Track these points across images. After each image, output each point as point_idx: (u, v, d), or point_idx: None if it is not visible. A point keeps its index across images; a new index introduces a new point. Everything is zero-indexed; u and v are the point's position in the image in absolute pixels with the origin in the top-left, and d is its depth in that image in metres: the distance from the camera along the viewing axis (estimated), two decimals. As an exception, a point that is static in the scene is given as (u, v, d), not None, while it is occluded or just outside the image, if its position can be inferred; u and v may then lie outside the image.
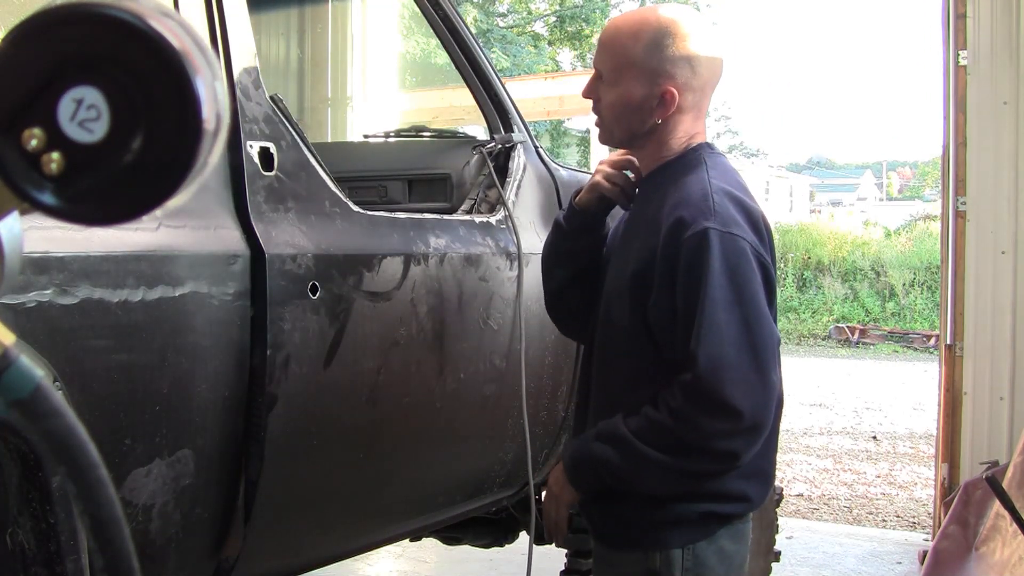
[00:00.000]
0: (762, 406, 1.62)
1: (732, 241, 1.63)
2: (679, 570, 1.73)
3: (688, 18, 1.79)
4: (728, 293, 1.61)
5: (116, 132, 0.56)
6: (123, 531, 0.61)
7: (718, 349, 1.60)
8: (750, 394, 1.60)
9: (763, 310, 1.64)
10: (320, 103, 5.42)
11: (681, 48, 1.74)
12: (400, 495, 2.27)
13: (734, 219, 1.65)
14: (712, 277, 1.60)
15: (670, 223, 1.67)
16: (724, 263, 1.61)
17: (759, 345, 1.62)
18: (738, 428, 1.61)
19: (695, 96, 1.77)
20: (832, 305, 17.80)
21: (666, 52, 1.74)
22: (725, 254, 1.61)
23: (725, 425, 1.61)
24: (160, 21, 0.56)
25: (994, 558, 3.42)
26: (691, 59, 1.74)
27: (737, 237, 1.64)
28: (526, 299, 2.46)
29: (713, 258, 1.61)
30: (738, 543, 1.80)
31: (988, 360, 4.13)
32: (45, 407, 0.59)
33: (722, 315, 1.60)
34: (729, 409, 1.60)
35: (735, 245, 1.63)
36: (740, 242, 1.63)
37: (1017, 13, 4.06)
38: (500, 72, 3.39)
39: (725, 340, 1.60)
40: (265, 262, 1.76)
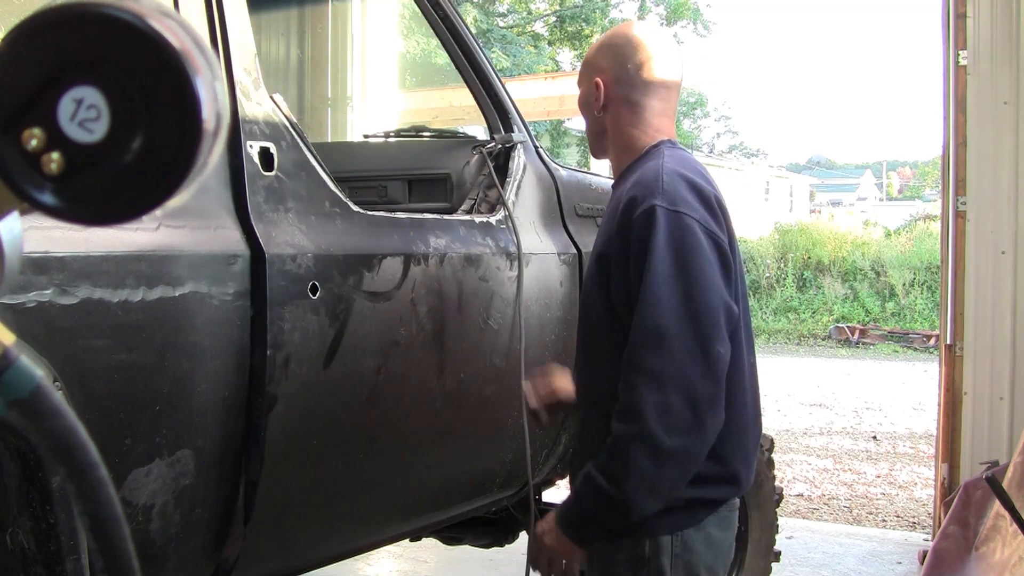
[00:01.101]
0: (704, 376, 1.65)
1: (677, 218, 1.68)
2: (668, 556, 1.77)
3: (640, 26, 1.94)
4: (670, 268, 1.65)
5: (116, 132, 0.56)
6: (123, 531, 0.61)
7: (656, 320, 1.64)
8: (689, 364, 1.63)
9: (708, 283, 1.67)
10: (320, 103, 5.42)
11: (617, 46, 1.89)
12: (400, 495, 2.27)
13: (683, 198, 1.71)
14: (656, 252, 1.66)
15: (624, 203, 1.75)
16: (668, 238, 1.66)
17: (701, 316, 1.65)
18: (683, 398, 1.63)
19: (624, 89, 1.86)
20: (832, 305, 17.79)
21: (601, 50, 1.91)
22: (670, 230, 1.67)
23: (667, 397, 1.63)
24: (160, 21, 0.56)
25: (994, 558, 3.42)
26: (622, 54, 1.87)
27: (683, 214, 1.69)
28: (526, 299, 2.46)
29: (658, 233, 1.67)
30: (724, 531, 1.85)
31: (988, 360, 4.13)
32: (45, 407, 0.59)
33: (663, 288, 1.65)
34: (667, 378, 1.63)
35: (680, 221, 1.68)
36: (686, 219, 1.69)
37: (1017, 13, 4.06)
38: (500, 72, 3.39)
39: (664, 311, 1.64)
40: (265, 262, 1.76)
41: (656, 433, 1.63)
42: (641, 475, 1.64)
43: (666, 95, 1.89)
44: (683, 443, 1.65)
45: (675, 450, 1.64)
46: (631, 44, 1.87)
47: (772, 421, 8.70)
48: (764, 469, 3.10)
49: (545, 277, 2.55)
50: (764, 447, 3.09)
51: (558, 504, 1.84)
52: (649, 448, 1.63)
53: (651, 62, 1.86)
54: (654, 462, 1.64)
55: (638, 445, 1.64)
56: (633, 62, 1.86)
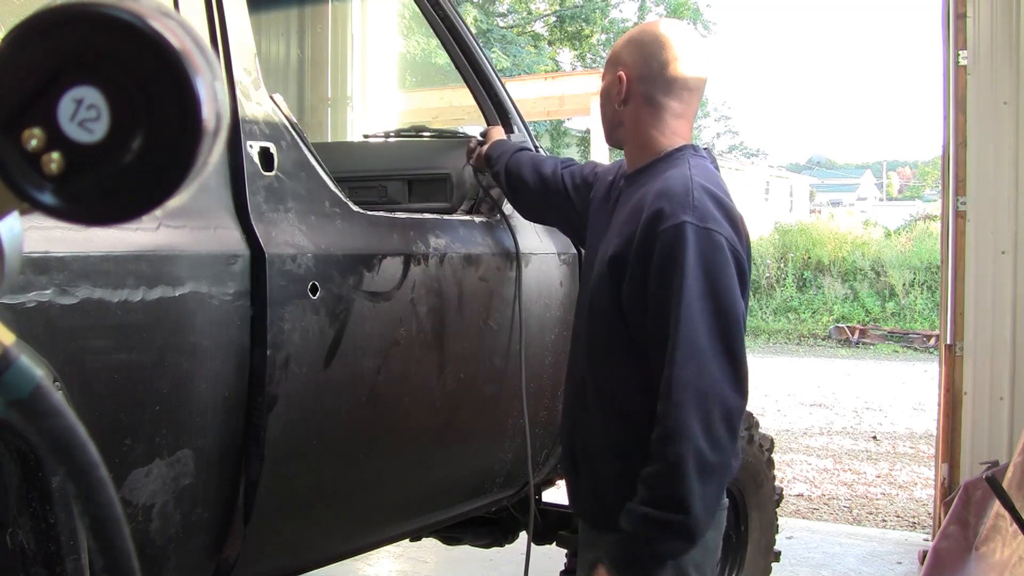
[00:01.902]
0: (735, 390, 1.68)
1: (708, 235, 1.70)
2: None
3: (669, 24, 1.94)
4: (701, 284, 1.67)
5: (116, 132, 0.56)
6: (123, 531, 0.61)
7: (693, 338, 1.66)
8: (723, 379, 1.66)
9: (735, 300, 1.70)
10: (320, 103, 5.41)
11: (644, 43, 1.89)
12: (400, 495, 2.27)
13: (712, 215, 1.73)
14: (688, 268, 1.67)
15: (650, 213, 1.75)
16: (699, 255, 1.68)
17: (731, 332, 1.68)
18: (721, 414, 1.65)
19: (646, 87, 1.87)
20: (832, 305, 17.79)
21: (628, 44, 1.91)
22: (700, 247, 1.69)
23: (709, 413, 1.65)
24: (160, 21, 0.56)
25: (994, 558, 3.42)
26: (648, 51, 1.87)
27: (713, 231, 1.71)
28: (526, 299, 2.46)
29: (689, 251, 1.68)
30: (714, 530, 1.85)
31: (988, 360, 4.13)
32: (45, 407, 0.59)
33: (696, 305, 1.67)
34: (708, 395, 1.65)
35: (711, 239, 1.70)
36: (716, 236, 1.71)
37: (1017, 13, 4.05)
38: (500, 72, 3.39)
39: (700, 328, 1.66)
40: (265, 262, 1.76)
41: (703, 450, 1.64)
42: (700, 493, 1.64)
43: (688, 97, 1.89)
44: (722, 459, 1.66)
45: (716, 466, 1.66)
46: (658, 42, 1.87)
47: (772, 421, 8.70)
48: (764, 469, 3.10)
49: (545, 277, 2.55)
50: (764, 447, 3.09)
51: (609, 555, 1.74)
52: (699, 466, 1.63)
53: (676, 62, 1.86)
54: (703, 480, 1.64)
55: (694, 464, 1.63)
56: (658, 60, 1.86)
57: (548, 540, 2.94)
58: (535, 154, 2.43)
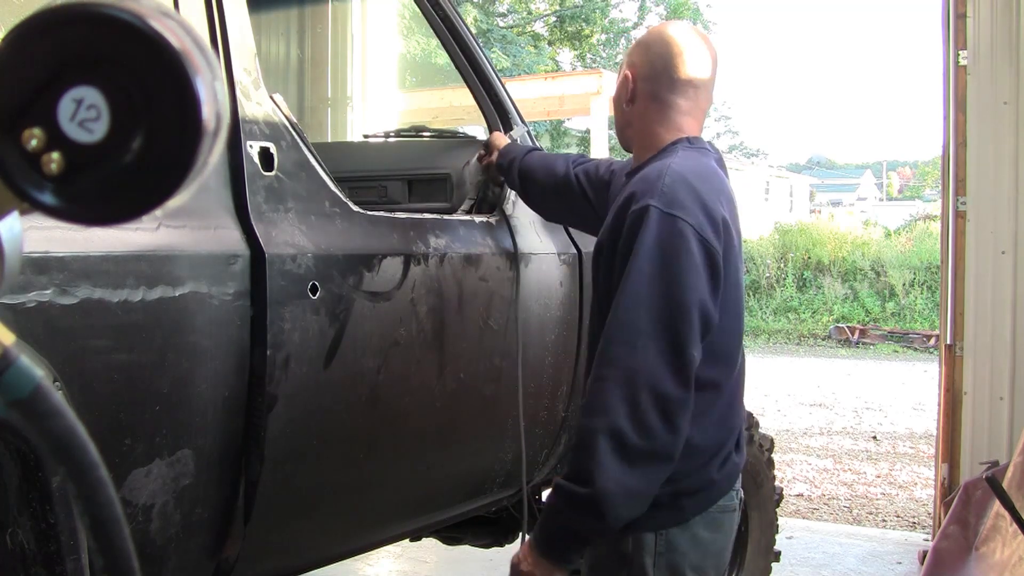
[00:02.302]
0: (674, 377, 1.63)
1: (671, 221, 1.67)
2: (651, 555, 1.76)
3: (676, 25, 1.95)
4: (653, 267, 1.65)
5: (116, 132, 0.56)
6: (123, 531, 0.61)
7: (631, 317, 1.64)
8: (659, 364, 1.62)
9: (689, 287, 1.66)
10: (320, 103, 5.41)
11: (650, 43, 1.91)
12: (400, 495, 2.27)
13: (679, 202, 1.70)
14: (642, 250, 1.66)
15: (624, 197, 1.77)
16: (657, 239, 1.66)
17: (676, 319, 1.64)
18: (651, 398, 1.61)
19: (652, 85, 1.88)
20: (832, 305, 17.79)
21: (637, 46, 1.94)
22: (660, 231, 1.67)
23: (636, 394, 1.61)
24: (160, 21, 0.56)
25: (994, 558, 3.42)
26: (653, 50, 1.89)
27: (677, 218, 1.68)
28: (526, 299, 2.46)
29: (647, 233, 1.66)
30: (715, 532, 1.82)
31: (988, 360, 4.13)
32: (45, 407, 0.59)
33: (643, 287, 1.65)
34: (637, 375, 1.61)
35: (673, 225, 1.67)
36: (679, 223, 1.67)
37: (1017, 13, 4.05)
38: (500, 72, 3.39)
39: (641, 309, 1.64)
40: (265, 262, 1.76)
41: (624, 429, 1.60)
42: (612, 470, 1.60)
43: (694, 95, 1.89)
44: (651, 445, 1.62)
45: (643, 451, 1.62)
46: (662, 41, 1.89)
47: (772, 421, 8.70)
48: (764, 469, 3.10)
49: (545, 277, 2.55)
50: (764, 447, 3.09)
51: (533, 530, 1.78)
52: (617, 444, 1.60)
53: (679, 60, 1.87)
54: (623, 461, 1.61)
55: (607, 440, 1.60)
56: (662, 59, 1.87)
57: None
58: (545, 155, 2.44)
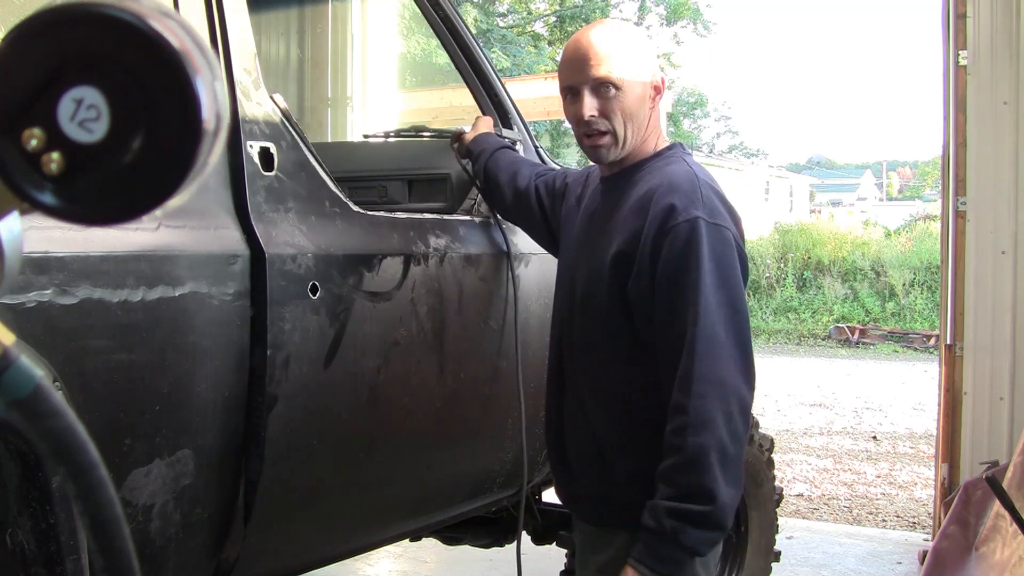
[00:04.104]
0: (747, 383, 1.71)
1: (719, 231, 1.74)
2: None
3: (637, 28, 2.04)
4: (716, 278, 1.70)
5: (116, 132, 0.56)
6: (123, 531, 0.61)
7: (712, 331, 1.68)
8: (737, 372, 1.68)
9: (743, 294, 1.75)
10: (320, 103, 5.41)
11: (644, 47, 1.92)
12: (400, 495, 2.27)
13: (719, 211, 1.78)
14: (704, 263, 1.70)
15: (660, 207, 1.76)
16: (712, 250, 1.71)
17: (742, 326, 1.72)
18: (738, 406, 1.67)
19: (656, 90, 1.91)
20: (832, 305, 17.78)
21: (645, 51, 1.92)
22: (713, 242, 1.73)
23: (728, 405, 1.66)
24: (160, 21, 0.56)
25: (994, 558, 3.42)
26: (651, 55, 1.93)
27: (722, 227, 1.76)
28: (526, 299, 2.46)
29: (704, 246, 1.70)
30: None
31: (988, 360, 4.13)
32: (45, 407, 0.59)
33: (712, 298, 1.69)
34: (727, 387, 1.67)
35: (721, 235, 1.75)
36: (725, 232, 1.76)
37: (1017, 13, 4.05)
38: (500, 72, 3.39)
39: (716, 321, 1.69)
40: (265, 262, 1.76)
41: (725, 441, 1.65)
42: (726, 483, 1.64)
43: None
44: (739, 451, 1.68)
45: (735, 457, 1.67)
46: (648, 45, 1.95)
47: (772, 421, 8.70)
48: (764, 469, 3.10)
49: (545, 277, 2.55)
50: (764, 447, 3.09)
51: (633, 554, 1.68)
52: (722, 457, 1.64)
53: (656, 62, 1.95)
54: (728, 469, 1.65)
55: (717, 455, 1.64)
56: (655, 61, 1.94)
57: (548, 540, 2.94)
58: (514, 156, 2.42)
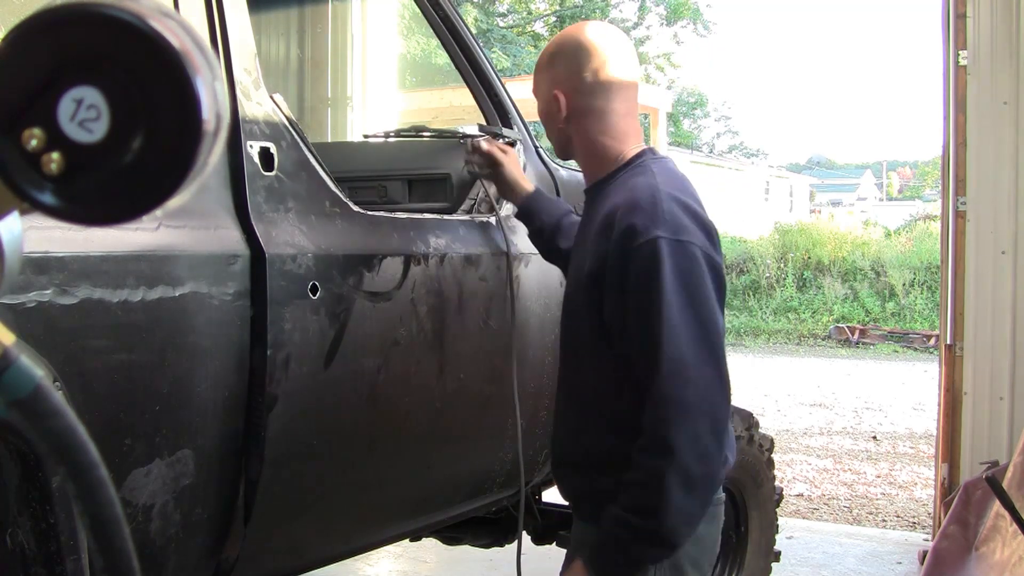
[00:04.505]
0: (723, 400, 1.68)
1: (682, 247, 1.68)
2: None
3: (591, 28, 1.88)
4: (681, 298, 1.66)
5: (116, 132, 0.56)
6: (123, 531, 0.61)
7: (678, 352, 1.65)
8: (711, 390, 1.66)
9: (714, 309, 1.70)
10: (320, 103, 5.41)
11: (569, 54, 1.84)
12: (400, 495, 2.27)
13: (683, 225, 1.70)
14: (666, 284, 1.65)
15: (622, 229, 1.72)
16: (675, 269, 1.67)
17: (714, 343, 1.68)
18: (709, 426, 1.65)
19: (586, 99, 1.83)
20: (832, 305, 17.78)
21: (555, 60, 1.86)
22: (676, 260, 1.67)
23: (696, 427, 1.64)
24: (160, 21, 0.56)
25: (994, 558, 3.42)
26: (576, 61, 1.83)
27: (687, 243, 1.69)
28: (525, 299, 2.46)
29: (665, 266, 1.66)
30: (710, 525, 1.85)
31: (988, 360, 4.13)
32: (45, 407, 0.59)
33: (678, 317, 1.66)
34: (694, 408, 1.65)
35: (686, 251, 1.68)
36: (690, 248, 1.69)
37: (1017, 13, 4.05)
38: (500, 72, 3.39)
39: (683, 341, 1.65)
40: (265, 262, 1.76)
41: (688, 464, 1.63)
42: (679, 507, 1.64)
43: (627, 95, 1.85)
44: (710, 469, 1.67)
45: (703, 476, 1.66)
46: (584, 49, 1.83)
47: (772, 421, 8.70)
48: (764, 469, 3.10)
49: (545, 277, 2.55)
50: (764, 447, 3.09)
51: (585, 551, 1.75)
52: (681, 479, 1.63)
53: (607, 66, 1.83)
54: (687, 492, 1.64)
55: (672, 478, 1.63)
56: (590, 69, 1.82)
57: (548, 540, 2.94)
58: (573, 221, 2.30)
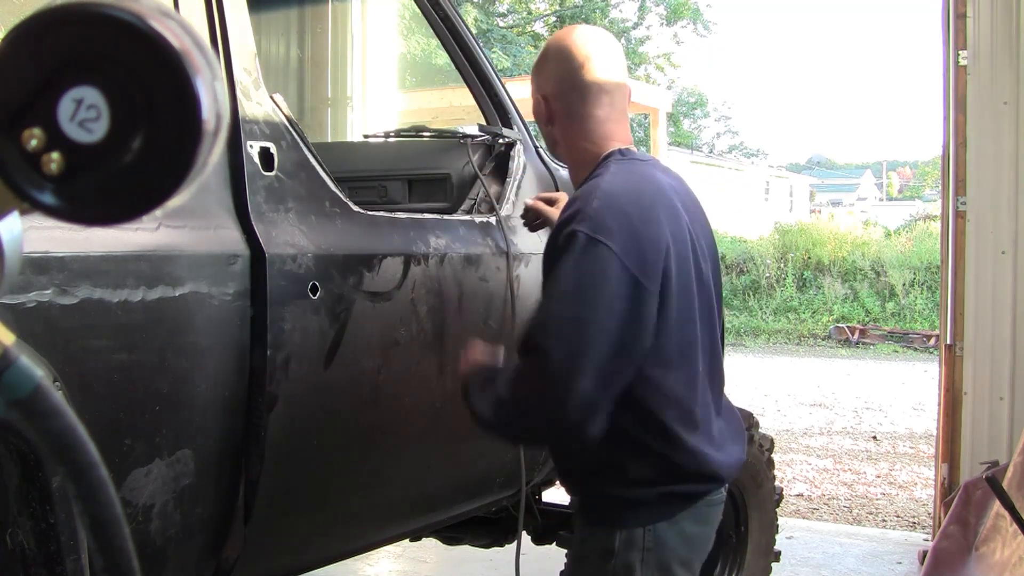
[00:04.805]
0: (563, 403, 1.63)
1: (594, 246, 1.64)
2: (639, 550, 1.78)
3: (573, 32, 1.90)
4: (570, 294, 1.65)
5: (116, 132, 0.56)
6: (123, 531, 0.61)
7: (539, 342, 1.66)
8: (552, 393, 1.64)
9: (604, 316, 1.64)
10: (320, 103, 5.41)
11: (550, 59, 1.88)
12: (400, 495, 2.27)
13: (605, 227, 1.66)
14: (561, 274, 1.66)
15: (560, 219, 1.78)
16: (577, 265, 1.65)
17: (583, 349, 1.62)
18: (544, 411, 1.67)
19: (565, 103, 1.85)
20: (832, 305, 17.77)
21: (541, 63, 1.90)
22: (582, 257, 1.65)
23: (537, 401, 1.67)
24: (160, 21, 0.56)
25: (994, 558, 3.42)
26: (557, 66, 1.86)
27: (601, 244, 1.64)
28: (525, 299, 2.46)
29: (570, 258, 1.65)
30: (701, 525, 1.86)
31: (988, 360, 4.12)
32: (45, 407, 0.59)
33: (556, 311, 1.67)
34: (518, 405, 1.70)
35: (595, 251, 1.64)
36: (602, 249, 1.64)
37: (1017, 13, 4.05)
38: (500, 72, 3.39)
39: (549, 335, 1.65)
40: (265, 262, 1.76)
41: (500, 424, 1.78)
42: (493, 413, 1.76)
43: (609, 100, 1.84)
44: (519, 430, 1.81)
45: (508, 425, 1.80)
46: (562, 54, 1.85)
47: (772, 421, 8.70)
48: (764, 469, 3.10)
49: (545, 277, 2.55)
50: (764, 447, 3.09)
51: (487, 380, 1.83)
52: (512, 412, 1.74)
53: (583, 69, 1.82)
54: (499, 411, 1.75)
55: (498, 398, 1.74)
56: (567, 72, 1.83)
57: (548, 540, 2.94)
58: None
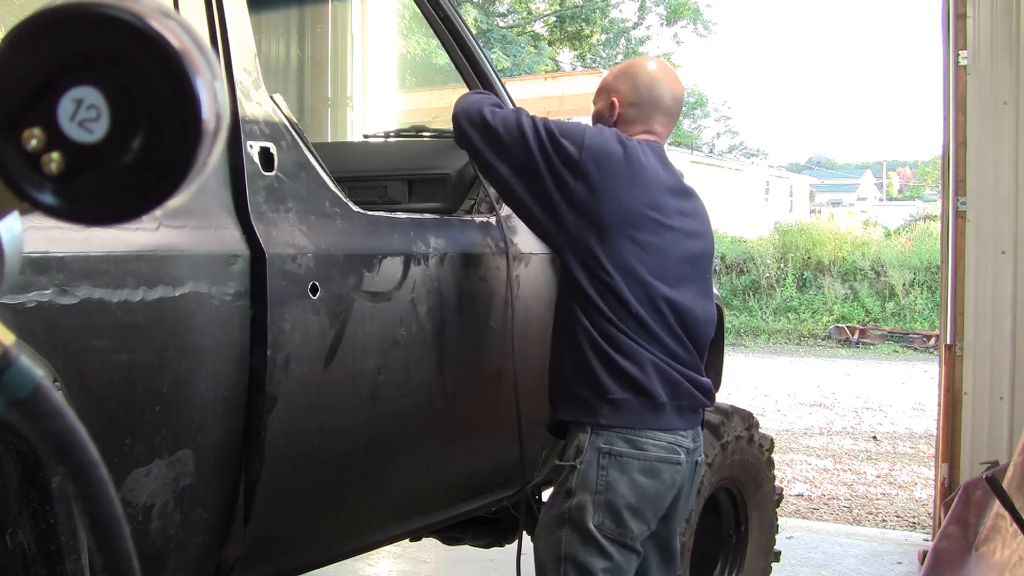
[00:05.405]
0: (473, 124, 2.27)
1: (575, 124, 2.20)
2: (591, 492, 2.13)
3: (655, 62, 2.45)
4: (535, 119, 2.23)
5: (116, 132, 0.56)
6: (123, 531, 0.61)
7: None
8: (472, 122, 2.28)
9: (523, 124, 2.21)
10: (320, 103, 5.41)
11: (635, 75, 2.38)
12: (400, 495, 2.27)
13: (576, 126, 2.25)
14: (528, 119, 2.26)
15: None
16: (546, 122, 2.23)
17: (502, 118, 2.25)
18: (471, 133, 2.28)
19: (635, 111, 2.34)
20: (832, 305, 17.78)
21: (621, 76, 2.41)
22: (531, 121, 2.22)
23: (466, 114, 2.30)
24: (160, 21, 0.56)
25: (994, 558, 3.42)
26: (638, 83, 2.36)
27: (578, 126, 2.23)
28: (526, 299, 2.46)
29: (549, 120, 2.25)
30: (652, 478, 2.15)
31: (988, 360, 4.13)
32: (45, 407, 0.59)
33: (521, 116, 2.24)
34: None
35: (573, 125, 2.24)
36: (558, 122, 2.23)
37: (1017, 13, 4.05)
38: (500, 72, 3.39)
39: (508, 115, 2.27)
40: (265, 262, 1.76)
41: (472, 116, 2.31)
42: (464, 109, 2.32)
43: (668, 121, 2.37)
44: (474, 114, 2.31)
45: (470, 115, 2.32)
46: (651, 78, 2.35)
47: (772, 421, 8.71)
48: (764, 469, 3.10)
49: (545, 277, 2.55)
50: (764, 447, 3.09)
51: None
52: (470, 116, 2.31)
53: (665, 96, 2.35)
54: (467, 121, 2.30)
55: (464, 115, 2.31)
56: (650, 93, 2.34)
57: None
58: None
